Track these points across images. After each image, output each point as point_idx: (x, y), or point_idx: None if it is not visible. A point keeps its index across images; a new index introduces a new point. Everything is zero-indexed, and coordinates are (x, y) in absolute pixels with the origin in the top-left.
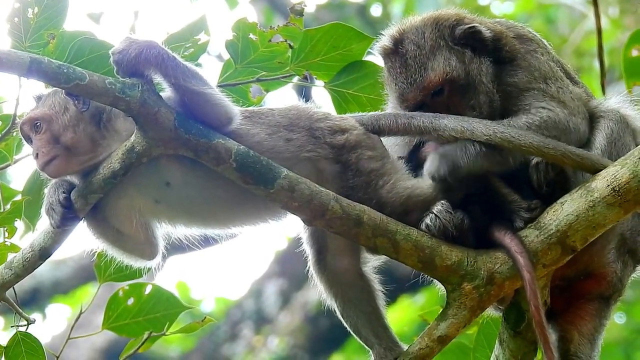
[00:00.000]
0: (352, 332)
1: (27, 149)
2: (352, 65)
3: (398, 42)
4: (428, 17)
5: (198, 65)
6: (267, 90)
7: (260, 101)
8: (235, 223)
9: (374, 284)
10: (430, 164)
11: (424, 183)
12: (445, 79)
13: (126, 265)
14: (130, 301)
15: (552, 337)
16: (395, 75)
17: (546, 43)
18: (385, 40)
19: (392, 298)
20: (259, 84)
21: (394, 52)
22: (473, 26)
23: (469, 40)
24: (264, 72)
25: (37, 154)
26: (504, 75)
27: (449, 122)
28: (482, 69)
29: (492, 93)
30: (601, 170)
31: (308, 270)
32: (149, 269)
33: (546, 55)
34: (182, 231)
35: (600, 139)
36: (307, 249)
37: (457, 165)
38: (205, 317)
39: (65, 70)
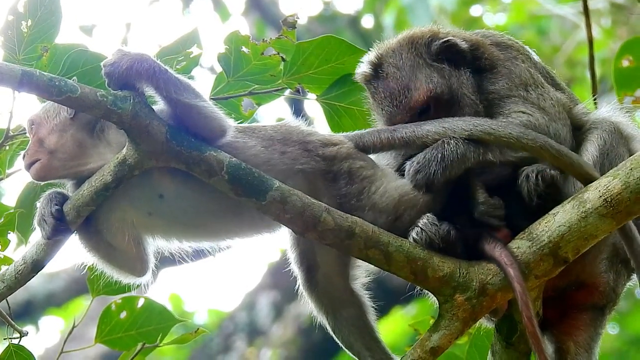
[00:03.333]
0: (344, 347)
1: (20, 162)
2: (344, 78)
3: (377, 66)
4: (403, 38)
5: (191, 77)
6: (259, 104)
7: (252, 115)
8: (229, 235)
9: (364, 299)
10: (411, 166)
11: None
12: (429, 97)
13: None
14: (123, 314)
15: (549, 348)
16: (380, 100)
17: (527, 49)
18: (364, 67)
19: (384, 310)
20: (250, 97)
21: (375, 77)
22: (447, 40)
23: (446, 54)
24: (256, 85)
25: (24, 155)
26: (485, 84)
27: (431, 127)
28: (463, 81)
29: (475, 104)
30: (580, 170)
31: (299, 287)
32: (139, 285)
33: (527, 62)
34: (175, 245)
35: (592, 150)
36: (296, 269)
37: (435, 175)
38: (198, 329)
39: (56, 83)
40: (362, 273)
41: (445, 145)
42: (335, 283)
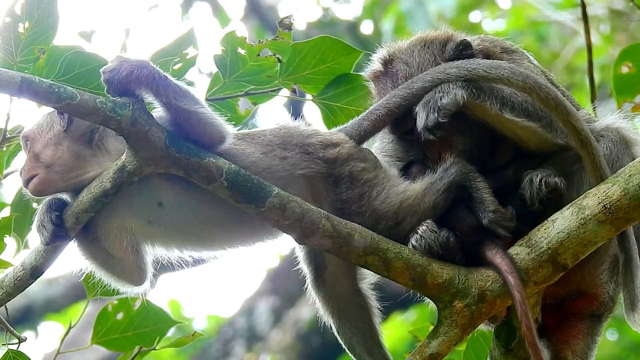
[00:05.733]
0: (346, 349)
1: (16, 163)
2: (340, 78)
3: (388, 63)
4: (417, 38)
5: (190, 83)
6: (256, 104)
7: (248, 114)
8: (230, 243)
9: (370, 300)
10: (419, 119)
11: (414, 185)
12: None
13: None
14: (120, 316)
15: (545, 354)
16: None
17: (528, 54)
18: (374, 64)
19: (384, 315)
20: (247, 97)
21: (384, 74)
22: (465, 39)
23: (459, 57)
24: (252, 86)
25: (21, 172)
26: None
27: (424, 82)
28: None
29: None
30: (568, 117)
31: (301, 289)
32: (136, 294)
33: (532, 64)
34: (175, 254)
35: None
36: (305, 267)
37: (441, 106)
38: (195, 332)
39: (56, 90)
40: (370, 272)
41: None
42: (341, 282)
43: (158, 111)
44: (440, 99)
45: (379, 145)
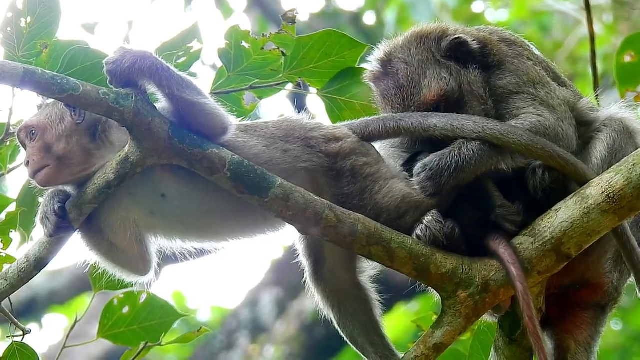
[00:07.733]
0: (348, 342)
1: (21, 158)
2: (345, 72)
3: (386, 63)
4: (411, 34)
5: (192, 74)
6: (261, 98)
7: (253, 108)
8: (232, 235)
9: (370, 293)
10: (417, 178)
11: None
12: (441, 96)
13: None
14: (125, 309)
15: (548, 345)
16: (390, 98)
17: (529, 44)
18: (373, 65)
19: (387, 306)
20: (252, 91)
21: (384, 74)
22: (458, 37)
23: (455, 51)
24: (257, 80)
25: (28, 162)
26: (493, 79)
27: (438, 121)
28: (471, 78)
29: (485, 101)
30: (584, 180)
31: (304, 281)
32: (141, 284)
33: (533, 59)
34: (178, 245)
35: (601, 149)
36: (304, 260)
37: (445, 185)
38: (201, 327)
39: (59, 81)
40: (369, 265)
41: (461, 154)
42: (341, 276)
43: (161, 102)
44: (447, 175)
45: None
